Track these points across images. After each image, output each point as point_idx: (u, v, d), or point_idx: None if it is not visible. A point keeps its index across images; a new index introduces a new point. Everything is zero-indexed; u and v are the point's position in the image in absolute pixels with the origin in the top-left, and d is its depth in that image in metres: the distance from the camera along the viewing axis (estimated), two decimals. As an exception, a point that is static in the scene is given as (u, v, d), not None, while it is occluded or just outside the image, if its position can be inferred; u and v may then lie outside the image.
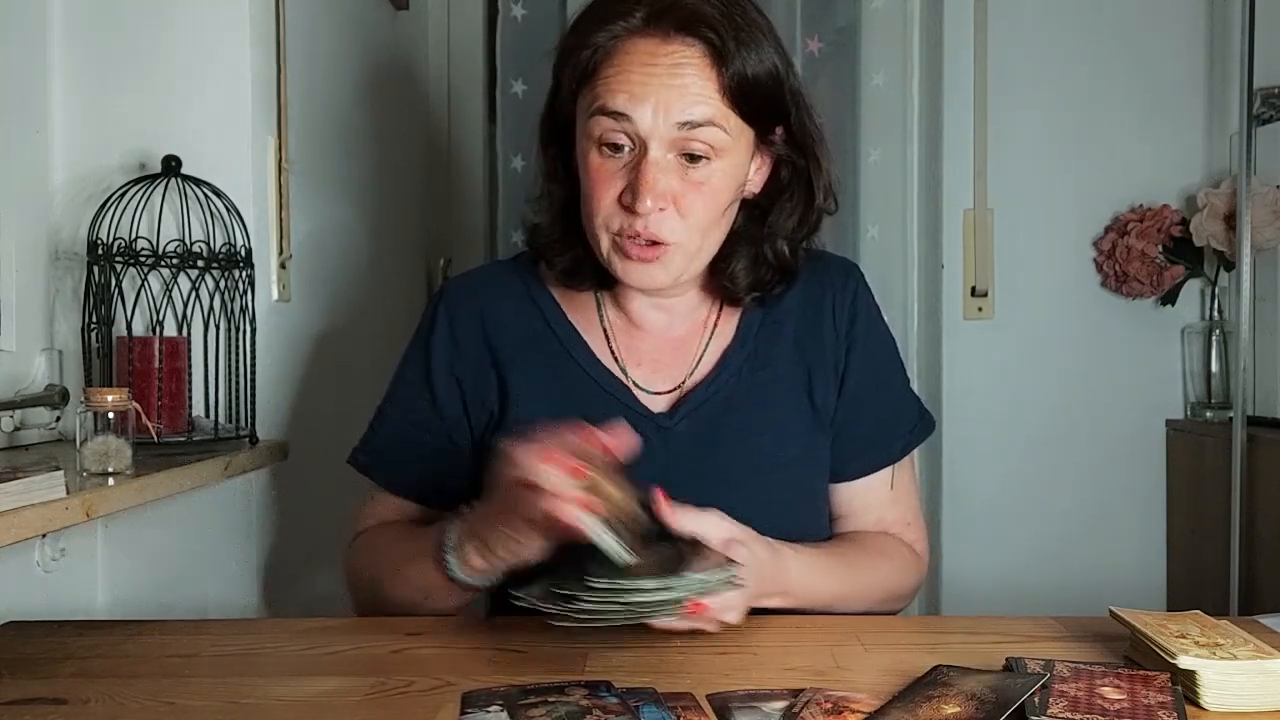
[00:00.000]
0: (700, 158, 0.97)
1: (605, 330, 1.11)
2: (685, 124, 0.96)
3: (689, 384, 1.09)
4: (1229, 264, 2.08)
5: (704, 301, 1.12)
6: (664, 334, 1.11)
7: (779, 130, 1.04)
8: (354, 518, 1.15)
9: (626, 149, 0.98)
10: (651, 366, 1.10)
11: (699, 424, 1.06)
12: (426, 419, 1.11)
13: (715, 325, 1.11)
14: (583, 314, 1.12)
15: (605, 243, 1.00)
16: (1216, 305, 2.18)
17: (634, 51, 0.97)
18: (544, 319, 1.11)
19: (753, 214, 1.07)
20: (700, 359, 1.10)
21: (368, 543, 1.11)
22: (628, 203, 0.97)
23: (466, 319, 1.11)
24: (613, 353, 1.10)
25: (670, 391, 1.09)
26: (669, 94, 0.95)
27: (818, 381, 1.10)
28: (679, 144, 0.97)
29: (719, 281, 1.08)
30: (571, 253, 1.07)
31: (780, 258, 1.07)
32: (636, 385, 1.08)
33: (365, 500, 1.15)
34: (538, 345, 1.10)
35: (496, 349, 1.10)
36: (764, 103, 1.00)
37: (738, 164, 1.01)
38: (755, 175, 1.05)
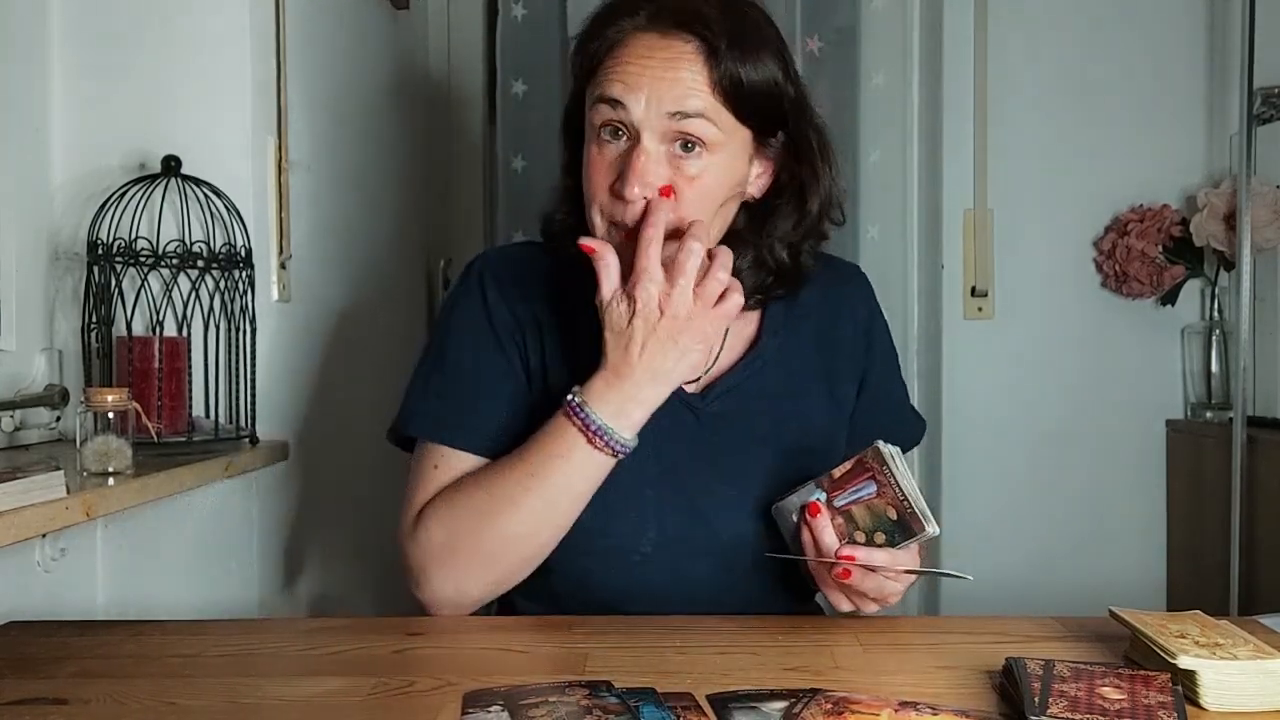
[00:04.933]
0: (692, 148, 1.00)
1: None
2: (676, 114, 0.99)
3: (716, 370, 1.11)
4: (1229, 264, 2.08)
5: None
6: None
7: (779, 136, 1.06)
8: (411, 497, 1.05)
9: (623, 138, 1.01)
10: None
11: (730, 407, 1.09)
12: (492, 366, 1.08)
13: None
14: None
15: (600, 229, 1.03)
16: (1216, 305, 2.18)
17: (634, 45, 1.01)
18: (582, 296, 1.10)
19: (755, 216, 1.09)
20: (722, 347, 1.12)
21: (447, 503, 1.02)
22: (619, 190, 1.00)
23: (511, 280, 1.12)
24: None
25: (693, 379, 1.10)
26: (661, 85, 0.99)
27: (838, 376, 1.14)
28: (671, 134, 0.99)
29: None
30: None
31: (779, 262, 1.09)
32: None
33: (424, 474, 1.05)
34: (574, 318, 1.10)
35: (538, 310, 1.11)
36: (759, 107, 1.02)
37: (731, 162, 1.03)
38: (756, 179, 1.07)
